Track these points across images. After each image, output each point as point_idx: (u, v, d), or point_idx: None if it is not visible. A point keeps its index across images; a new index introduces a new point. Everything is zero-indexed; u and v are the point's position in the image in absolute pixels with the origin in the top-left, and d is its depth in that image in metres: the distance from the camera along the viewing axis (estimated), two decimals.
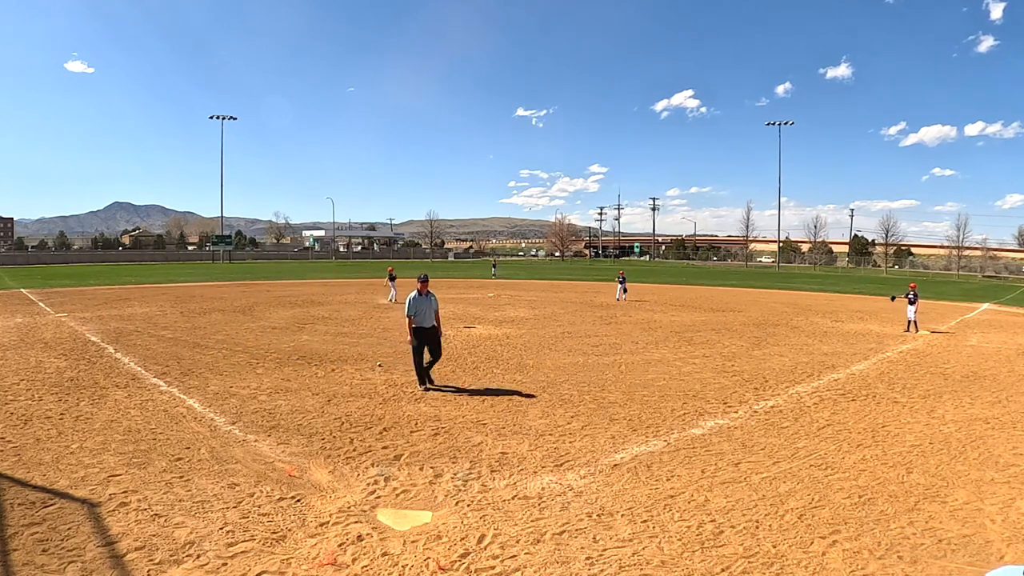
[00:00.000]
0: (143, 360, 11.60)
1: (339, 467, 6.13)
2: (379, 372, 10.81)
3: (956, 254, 77.14)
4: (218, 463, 6.15)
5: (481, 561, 4.30)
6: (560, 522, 4.92)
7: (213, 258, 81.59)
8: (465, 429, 7.48)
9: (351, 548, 4.45)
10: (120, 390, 9.20)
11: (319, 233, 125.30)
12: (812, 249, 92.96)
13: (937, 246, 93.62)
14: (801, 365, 12.18)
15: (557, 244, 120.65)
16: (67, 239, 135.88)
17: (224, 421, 7.66)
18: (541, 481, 5.81)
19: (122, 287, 31.84)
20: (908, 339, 16.27)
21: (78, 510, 5.00)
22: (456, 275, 49.95)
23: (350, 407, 8.43)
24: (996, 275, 69.54)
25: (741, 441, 7.14)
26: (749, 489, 5.69)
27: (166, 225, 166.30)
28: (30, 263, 67.84)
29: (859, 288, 40.53)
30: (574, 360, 12.28)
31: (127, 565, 4.16)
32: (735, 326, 18.33)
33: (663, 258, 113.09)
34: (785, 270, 76.60)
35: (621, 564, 4.30)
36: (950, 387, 10.41)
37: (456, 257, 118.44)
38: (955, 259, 76.43)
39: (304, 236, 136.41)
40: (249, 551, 4.38)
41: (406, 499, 5.38)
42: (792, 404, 9.00)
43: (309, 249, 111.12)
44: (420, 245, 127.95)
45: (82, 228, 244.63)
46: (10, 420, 7.53)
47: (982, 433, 7.67)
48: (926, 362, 12.84)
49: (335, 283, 36.91)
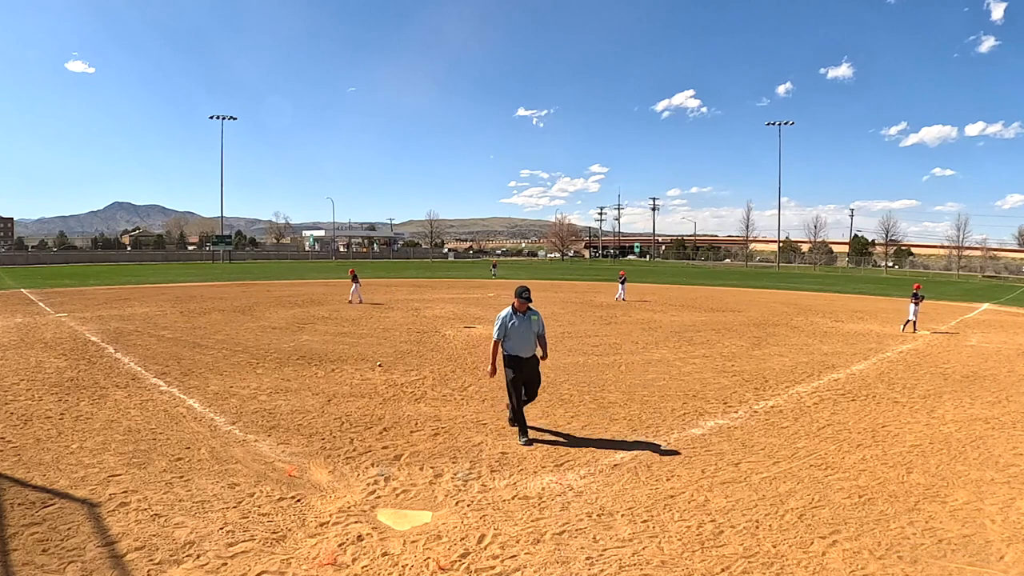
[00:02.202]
0: (143, 360, 11.60)
1: (339, 467, 6.13)
2: (379, 372, 10.81)
3: (956, 254, 77.12)
4: (218, 463, 6.15)
5: (481, 561, 4.30)
6: (560, 522, 4.92)
7: (213, 258, 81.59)
8: (465, 429, 7.48)
9: (351, 548, 4.45)
10: (120, 390, 9.20)
11: (319, 233, 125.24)
12: (812, 249, 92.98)
13: (937, 246, 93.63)
14: (801, 365, 12.18)
15: (557, 244, 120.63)
16: (67, 239, 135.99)
17: (224, 421, 7.66)
18: (541, 481, 5.81)
19: (122, 287, 31.84)
20: (908, 339, 16.27)
21: (78, 510, 5.00)
22: (456, 275, 49.95)
23: (350, 407, 8.43)
24: (996, 275, 69.55)
25: (741, 441, 7.14)
26: (749, 489, 5.69)
27: (166, 225, 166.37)
28: (30, 263, 67.84)
29: (859, 288, 40.53)
30: (574, 360, 12.28)
31: (127, 565, 4.16)
32: (735, 326, 18.32)
33: (663, 258, 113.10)
34: (785, 270, 76.61)
35: (621, 564, 4.30)
36: (950, 387, 10.41)
37: (456, 257, 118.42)
38: (955, 259, 76.43)
39: (304, 236, 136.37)
40: (249, 551, 4.38)
41: (406, 499, 5.38)
42: (792, 404, 9.00)
43: (310, 250, 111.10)
44: (420, 245, 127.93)
45: (82, 228, 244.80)
46: (10, 420, 7.53)
47: (982, 433, 7.67)
48: (926, 362, 12.84)
49: (335, 283, 36.88)
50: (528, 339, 7.05)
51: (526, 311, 7.08)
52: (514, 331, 6.99)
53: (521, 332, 7.00)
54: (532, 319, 7.07)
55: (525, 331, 7.02)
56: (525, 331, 7.02)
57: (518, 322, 7.01)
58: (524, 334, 7.02)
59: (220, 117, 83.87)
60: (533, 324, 7.08)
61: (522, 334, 7.01)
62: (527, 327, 7.04)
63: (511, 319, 7.00)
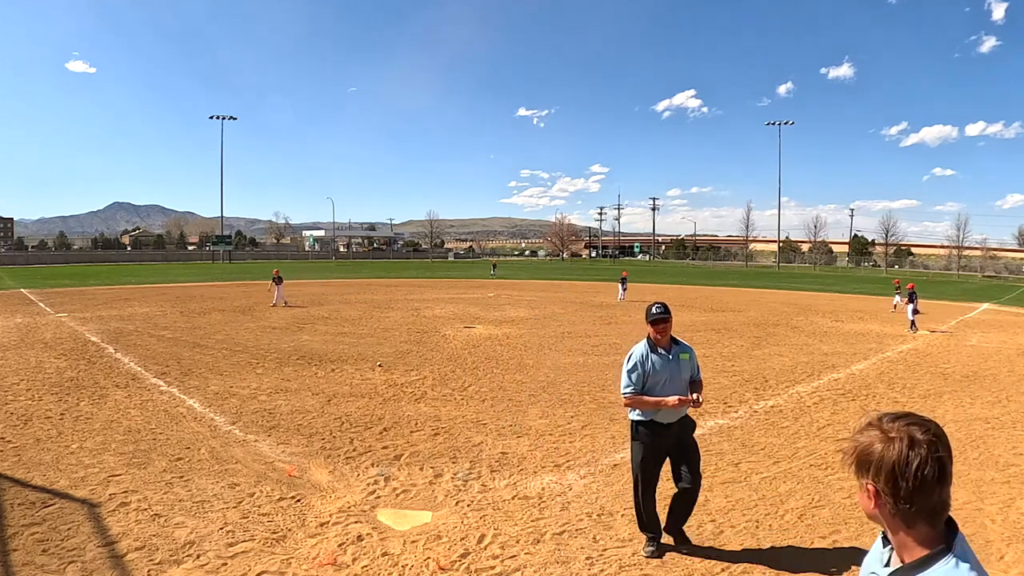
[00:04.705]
0: (143, 360, 11.60)
1: (339, 467, 6.12)
2: (379, 372, 10.81)
3: (956, 254, 77.15)
4: (218, 463, 6.15)
5: (481, 561, 4.30)
6: (560, 522, 4.92)
7: (213, 258, 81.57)
8: (465, 429, 7.48)
9: (351, 548, 4.45)
10: (120, 390, 9.20)
11: (319, 233, 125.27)
12: (812, 249, 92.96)
13: (937, 246, 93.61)
14: (801, 365, 12.17)
15: (557, 244, 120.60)
16: (67, 239, 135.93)
17: (224, 421, 7.66)
18: (541, 481, 5.81)
19: (122, 287, 31.83)
20: (908, 339, 16.27)
21: (78, 510, 5.00)
22: (456, 275, 49.95)
23: (350, 407, 8.43)
24: (996, 275, 69.50)
25: (741, 441, 7.14)
26: (749, 489, 5.69)
27: (166, 225, 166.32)
28: (30, 263, 67.81)
29: (859, 288, 40.51)
30: (574, 360, 12.28)
31: (127, 565, 4.16)
32: (735, 326, 18.32)
33: (663, 258, 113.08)
34: (785, 270, 76.59)
35: (621, 564, 4.30)
36: (950, 387, 10.41)
37: (456, 257, 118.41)
38: (955, 259, 76.44)
39: (304, 236, 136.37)
40: (249, 551, 4.37)
41: (406, 499, 5.38)
42: (792, 404, 9.00)
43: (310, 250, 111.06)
44: (420, 245, 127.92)
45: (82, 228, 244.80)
46: (10, 420, 7.53)
47: (982, 433, 7.66)
48: (926, 362, 12.84)
49: (335, 283, 36.89)
50: (678, 387, 4.48)
51: (670, 345, 4.55)
52: (655, 379, 4.46)
53: (665, 380, 4.46)
54: (681, 358, 4.54)
55: (672, 377, 4.48)
56: (672, 377, 4.48)
57: (660, 364, 4.48)
58: (671, 382, 4.47)
59: (220, 117, 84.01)
60: (683, 366, 4.54)
61: (667, 383, 4.46)
62: (675, 370, 4.49)
63: (648, 359, 4.50)
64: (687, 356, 4.58)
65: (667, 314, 4.47)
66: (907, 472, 1.28)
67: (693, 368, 4.62)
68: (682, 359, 4.53)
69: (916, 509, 1.31)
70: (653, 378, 4.44)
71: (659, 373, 4.44)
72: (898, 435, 1.31)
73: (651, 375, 4.44)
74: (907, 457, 1.29)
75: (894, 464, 1.30)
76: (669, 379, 4.45)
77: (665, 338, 4.50)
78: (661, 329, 4.47)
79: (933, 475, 1.28)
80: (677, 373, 4.49)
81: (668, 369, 4.46)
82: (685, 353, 4.58)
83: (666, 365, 4.46)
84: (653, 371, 4.44)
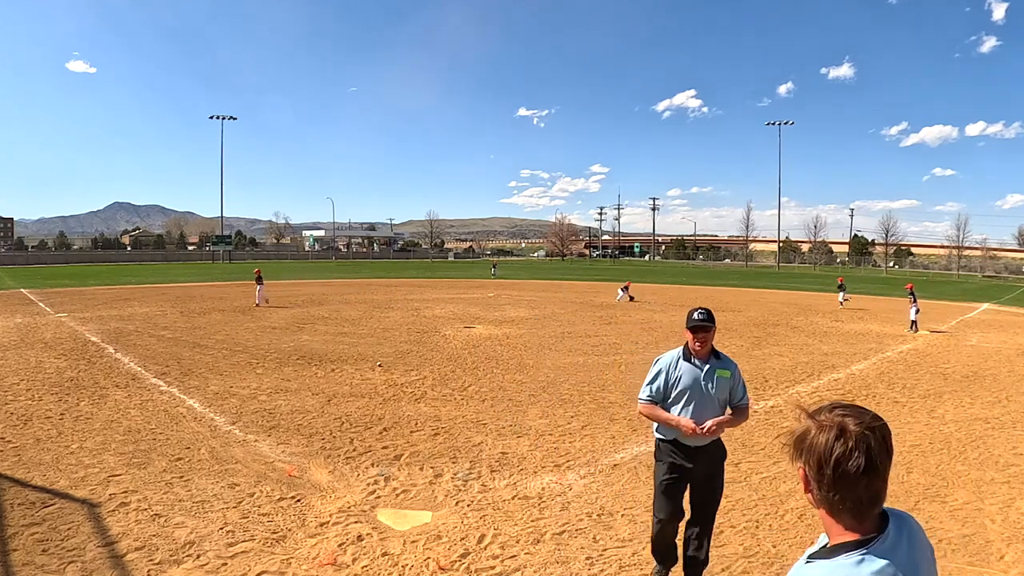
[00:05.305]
0: (143, 360, 11.60)
1: (339, 467, 6.12)
2: (379, 372, 10.81)
3: (956, 254, 77.18)
4: (218, 463, 6.15)
5: (481, 561, 4.30)
6: (560, 522, 4.92)
7: (213, 258, 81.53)
8: (465, 429, 7.48)
9: (351, 548, 4.45)
10: (120, 390, 9.20)
11: (319, 233, 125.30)
12: (812, 249, 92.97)
13: (937, 246, 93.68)
14: (801, 365, 12.18)
15: (557, 244, 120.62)
16: (67, 239, 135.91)
17: (224, 421, 7.66)
18: (541, 481, 5.81)
19: (122, 287, 31.83)
20: (908, 339, 16.28)
21: (78, 510, 5.00)
22: (456, 275, 49.96)
23: (350, 407, 8.43)
24: (996, 275, 69.54)
25: (741, 441, 7.14)
26: (749, 489, 5.69)
27: (166, 225, 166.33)
28: (30, 263, 67.80)
29: (859, 288, 40.48)
30: (574, 360, 12.28)
31: (127, 565, 4.16)
32: (735, 326, 18.32)
33: (663, 258, 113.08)
34: (785, 270, 76.59)
35: (621, 564, 4.30)
36: (950, 387, 10.41)
37: (456, 257, 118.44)
38: (955, 259, 76.46)
39: (304, 236, 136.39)
40: (249, 551, 4.38)
41: (406, 499, 5.38)
42: (792, 404, 8.99)
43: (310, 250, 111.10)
44: (420, 245, 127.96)
45: (82, 228, 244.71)
46: (10, 420, 7.53)
47: (982, 433, 7.66)
48: (926, 362, 12.84)
49: (335, 283, 36.89)
50: (709, 409, 3.83)
51: (708, 356, 3.90)
52: (679, 392, 3.86)
53: (692, 396, 3.84)
54: (719, 375, 3.86)
55: (703, 396, 3.83)
56: (703, 396, 3.83)
57: (689, 376, 3.86)
58: (700, 402, 3.83)
59: (220, 117, 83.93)
60: (719, 384, 3.86)
61: (695, 401, 3.83)
62: (708, 388, 3.84)
63: (676, 368, 3.90)
64: (727, 374, 3.87)
65: (710, 322, 3.80)
66: (830, 461, 1.29)
67: (734, 389, 3.91)
68: (719, 376, 3.84)
69: (840, 498, 1.31)
70: (677, 391, 3.85)
71: (686, 387, 3.82)
72: (829, 424, 1.32)
73: (675, 387, 3.85)
74: (832, 447, 1.29)
75: (820, 453, 1.30)
76: (699, 398, 3.80)
77: (705, 349, 3.84)
78: (702, 339, 3.80)
79: (858, 467, 1.27)
80: (711, 392, 3.81)
81: (699, 385, 3.81)
82: (726, 370, 3.87)
83: (697, 380, 3.81)
84: (679, 383, 3.84)
